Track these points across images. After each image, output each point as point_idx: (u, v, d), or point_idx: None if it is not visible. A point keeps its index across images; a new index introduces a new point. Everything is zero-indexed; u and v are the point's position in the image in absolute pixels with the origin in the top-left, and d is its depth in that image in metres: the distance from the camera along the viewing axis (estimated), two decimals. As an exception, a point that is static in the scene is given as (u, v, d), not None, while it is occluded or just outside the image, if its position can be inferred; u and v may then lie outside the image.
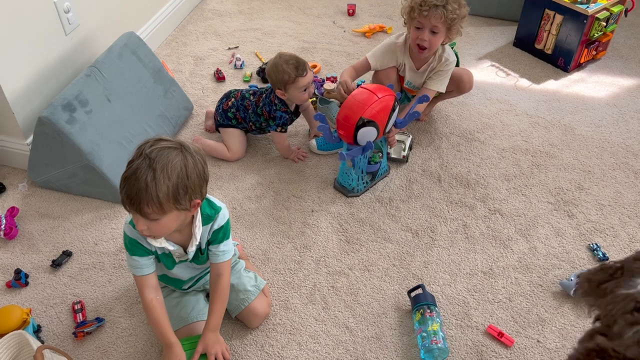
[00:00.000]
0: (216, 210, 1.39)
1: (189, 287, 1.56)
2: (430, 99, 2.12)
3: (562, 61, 2.60)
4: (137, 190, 1.17)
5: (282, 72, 1.92)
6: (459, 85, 2.17)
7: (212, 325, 1.41)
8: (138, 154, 1.20)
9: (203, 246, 1.41)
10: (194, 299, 1.55)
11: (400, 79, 2.17)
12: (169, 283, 1.53)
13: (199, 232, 1.35)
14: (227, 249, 1.42)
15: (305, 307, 1.64)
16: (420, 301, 1.59)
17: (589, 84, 2.54)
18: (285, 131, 2.06)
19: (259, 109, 2.05)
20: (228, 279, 1.44)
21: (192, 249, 1.37)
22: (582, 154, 2.17)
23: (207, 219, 1.37)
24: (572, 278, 1.67)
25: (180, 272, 1.46)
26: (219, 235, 1.40)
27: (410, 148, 2.15)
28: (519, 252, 1.80)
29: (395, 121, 1.93)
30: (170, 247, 1.35)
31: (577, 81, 2.56)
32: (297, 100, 2.02)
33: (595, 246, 1.80)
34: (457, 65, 2.47)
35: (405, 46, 2.08)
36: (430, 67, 2.08)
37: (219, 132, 2.18)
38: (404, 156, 2.10)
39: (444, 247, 1.82)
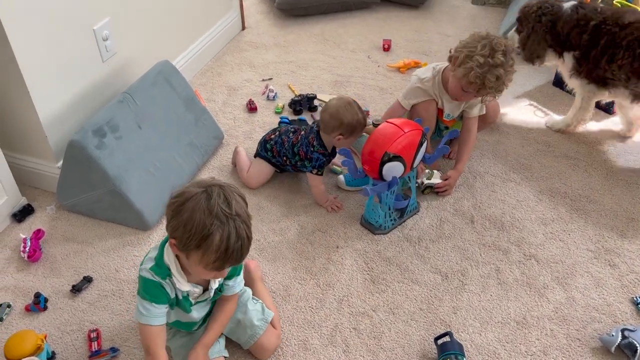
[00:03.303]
0: None
1: (199, 327, 1.51)
2: (473, 129, 2.12)
3: (605, 103, 2.51)
4: (245, 246, 1.21)
5: (337, 126, 1.91)
6: (483, 116, 2.15)
7: (206, 341, 1.40)
8: (223, 220, 1.16)
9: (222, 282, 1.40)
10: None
11: (439, 111, 2.13)
12: (181, 327, 1.49)
13: None
14: (240, 280, 1.45)
15: (325, 348, 1.57)
16: (448, 350, 1.49)
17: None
18: (322, 174, 2.00)
19: (295, 148, 2.02)
20: (235, 304, 1.48)
21: (215, 286, 1.37)
22: (625, 200, 2.05)
23: None
24: (614, 333, 1.54)
25: (195, 313, 1.43)
26: (237, 270, 1.40)
27: (432, 188, 2.07)
28: (555, 302, 1.69)
29: (423, 156, 1.87)
30: (196, 288, 1.35)
31: (620, 124, 2.45)
32: (338, 146, 1.98)
33: (639, 300, 1.68)
34: None
35: (435, 81, 2.04)
36: None
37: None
38: (422, 182, 2.03)
39: (474, 292, 1.73)
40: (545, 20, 2.15)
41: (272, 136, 2.10)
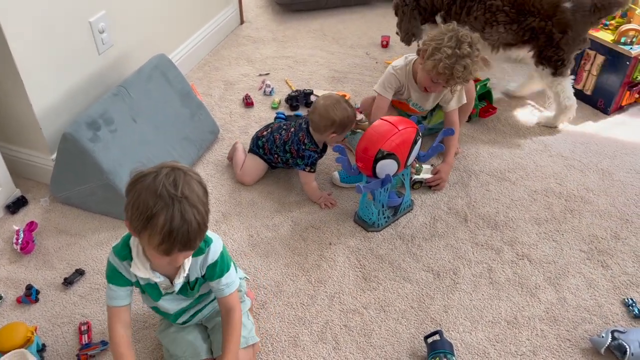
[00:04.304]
0: (207, 242, 1.31)
1: (184, 322, 1.47)
2: (455, 120, 2.14)
3: (601, 103, 2.50)
4: (193, 231, 1.14)
5: (329, 125, 1.91)
6: (463, 107, 2.17)
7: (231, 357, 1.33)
8: (167, 200, 1.10)
9: (192, 279, 1.34)
10: (190, 337, 1.45)
11: (402, 104, 2.17)
12: (161, 314, 1.46)
13: (188, 263, 1.28)
14: (230, 281, 1.36)
15: (315, 345, 1.57)
16: (437, 348, 1.49)
17: (630, 128, 2.43)
18: (314, 171, 2.00)
19: (287, 146, 2.02)
20: (240, 312, 1.38)
21: (179, 281, 1.30)
22: (620, 201, 2.05)
23: (198, 251, 1.29)
24: (604, 335, 1.55)
25: (167, 304, 1.38)
26: (216, 271, 1.33)
27: (421, 183, 2.08)
28: (546, 302, 1.69)
29: (417, 154, 1.87)
30: (156, 278, 1.28)
31: (617, 124, 2.45)
32: (330, 143, 2.00)
33: (631, 301, 1.68)
34: (491, 101, 2.43)
35: (406, 70, 2.06)
36: None
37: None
38: (411, 178, 2.05)
39: (466, 291, 1.73)
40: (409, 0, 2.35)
41: (265, 133, 2.10)
